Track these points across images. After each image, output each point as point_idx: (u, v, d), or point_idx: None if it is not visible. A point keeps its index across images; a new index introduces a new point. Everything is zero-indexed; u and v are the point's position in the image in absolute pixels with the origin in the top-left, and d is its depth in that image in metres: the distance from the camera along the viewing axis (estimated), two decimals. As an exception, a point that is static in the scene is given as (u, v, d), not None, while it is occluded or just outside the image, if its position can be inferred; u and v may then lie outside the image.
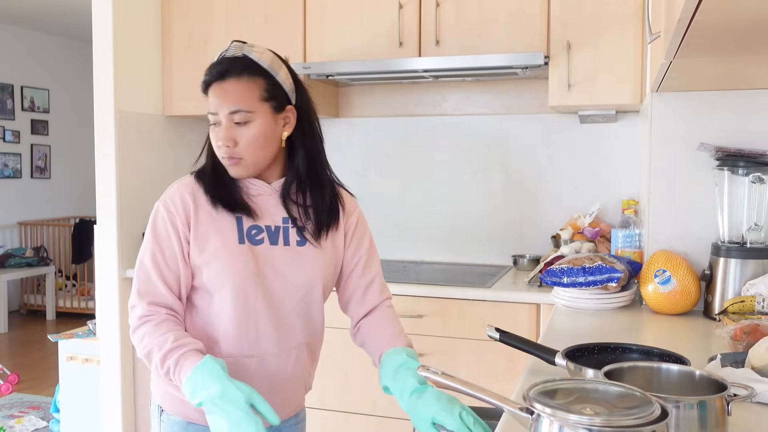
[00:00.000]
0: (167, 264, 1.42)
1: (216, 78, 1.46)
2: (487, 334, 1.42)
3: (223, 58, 1.48)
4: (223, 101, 1.43)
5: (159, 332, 1.35)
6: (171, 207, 1.44)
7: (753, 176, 1.94)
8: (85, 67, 6.65)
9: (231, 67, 1.46)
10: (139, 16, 2.98)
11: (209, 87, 1.46)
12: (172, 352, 1.31)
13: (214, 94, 1.45)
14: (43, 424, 3.77)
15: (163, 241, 1.43)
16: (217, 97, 1.44)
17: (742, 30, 1.18)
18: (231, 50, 1.48)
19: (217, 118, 1.43)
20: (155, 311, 1.40)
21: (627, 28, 2.49)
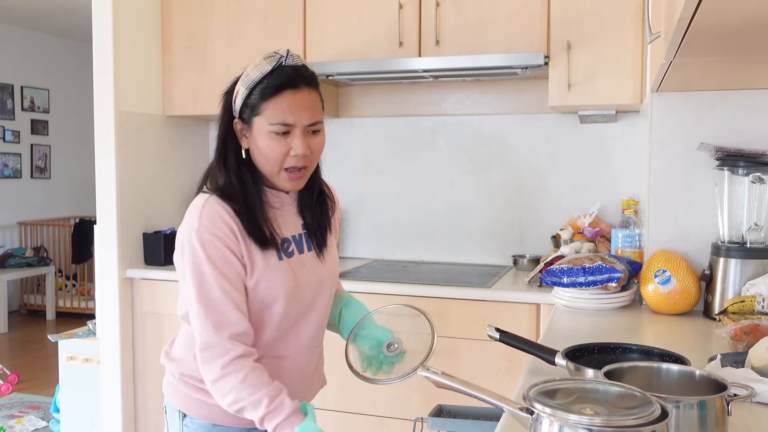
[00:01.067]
0: (235, 288, 1.37)
1: (290, 86, 1.40)
2: (487, 334, 1.42)
3: (296, 68, 1.43)
4: (302, 111, 1.40)
5: (250, 389, 1.31)
6: (218, 232, 1.37)
7: (753, 176, 1.94)
8: (85, 67, 6.65)
9: (305, 77, 1.43)
10: (139, 16, 2.98)
11: (279, 93, 1.40)
12: (271, 416, 1.31)
13: (290, 103, 1.40)
14: (43, 424, 3.77)
15: (224, 266, 1.36)
16: (296, 106, 1.40)
17: (742, 30, 1.18)
18: (293, 59, 1.43)
19: (290, 128, 1.40)
20: (237, 355, 1.33)
21: (627, 28, 2.49)
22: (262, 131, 1.40)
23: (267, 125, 1.39)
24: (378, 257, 3.23)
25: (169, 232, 3.01)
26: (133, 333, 2.96)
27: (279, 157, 1.40)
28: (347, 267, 2.96)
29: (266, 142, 1.40)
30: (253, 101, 1.40)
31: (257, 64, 1.42)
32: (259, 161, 1.43)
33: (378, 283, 2.58)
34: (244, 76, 1.43)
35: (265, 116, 1.39)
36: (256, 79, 1.40)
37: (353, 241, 3.27)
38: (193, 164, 3.34)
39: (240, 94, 1.42)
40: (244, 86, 1.42)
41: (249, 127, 1.42)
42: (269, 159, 1.41)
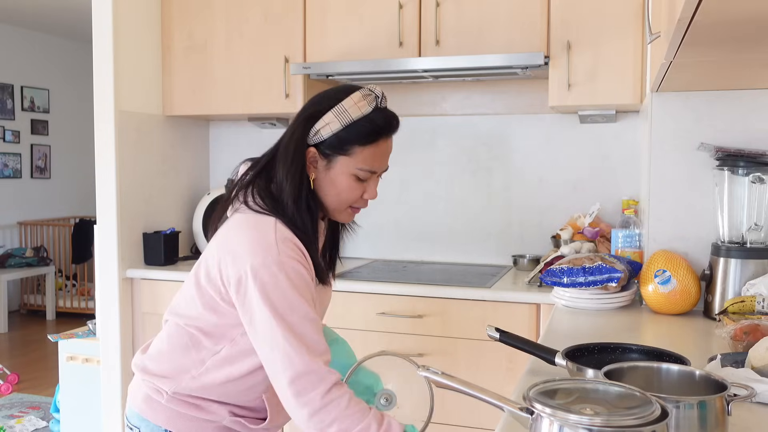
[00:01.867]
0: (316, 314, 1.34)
1: (386, 134, 1.42)
2: (487, 334, 1.42)
3: (392, 114, 1.45)
4: (386, 158, 1.44)
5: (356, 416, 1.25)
6: (299, 258, 1.33)
7: (753, 176, 1.94)
8: (85, 67, 6.66)
9: (396, 125, 1.47)
10: (139, 16, 2.98)
11: (376, 141, 1.40)
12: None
13: (382, 151, 1.41)
14: (43, 424, 3.77)
15: (306, 291, 1.31)
16: (384, 154, 1.43)
17: (742, 30, 1.18)
18: (385, 101, 1.45)
19: (372, 175, 1.42)
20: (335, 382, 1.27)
21: (627, 28, 2.49)
22: (344, 171, 1.39)
23: (354, 168, 1.39)
24: (378, 257, 3.23)
25: (169, 232, 3.01)
26: (133, 333, 2.97)
27: (354, 198, 1.42)
28: (347, 267, 2.96)
29: (346, 182, 1.40)
30: (344, 140, 1.37)
31: (356, 101, 1.39)
32: (327, 195, 1.42)
33: (378, 283, 2.58)
34: (340, 110, 1.38)
35: (355, 159, 1.38)
36: (355, 118, 1.37)
37: (353, 241, 3.25)
38: (193, 164, 3.34)
39: (331, 127, 1.37)
40: (339, 121, 1.37)
41: (327, 161, 1.39)
42: (342, 198, 1.41)
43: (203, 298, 1.37)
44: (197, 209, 3.25)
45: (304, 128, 1.39)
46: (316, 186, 1.41)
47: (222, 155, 3.45)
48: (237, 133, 3.42)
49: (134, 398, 1.46)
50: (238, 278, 1.29)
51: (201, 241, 3.23)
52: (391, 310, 2.56)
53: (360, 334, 2.57)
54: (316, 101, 1.42)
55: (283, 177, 1.37)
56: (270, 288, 1.27)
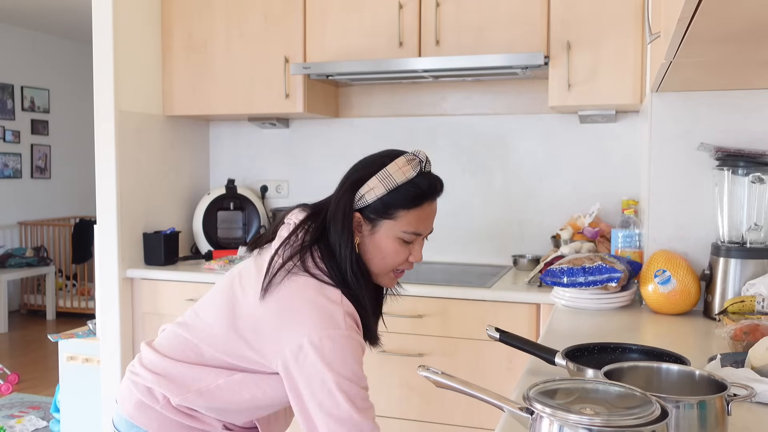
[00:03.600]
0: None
1: (430, 198, 1.43)
2: (487, 334, 1.42)
3: (436, 179, 1.45)
4: (431, 221, 1.44)
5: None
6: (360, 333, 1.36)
7: (753, 176, 1.94)
8: (85, 67, 6.66)
9: (441, 189, 1.46)
10: (139, 16, 2.98)
11: (420, 205, 1.41)
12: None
13: (427, 214, 1.42)
14: (43, 424, 3.77)
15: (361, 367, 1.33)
16: (429, 218, 1.43)
17: (742, 30, 1.18)
18: (430, 164, 1.45)
19: (418, 237, 1.43)
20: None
21: (627, 28, 2.49)
22: (389, 235, 1.40)
23: (399, 231, 1.39)
24: (378, 257, 3.22)
25: (169, 232, 3.01)
26: (133, 333, 2.97)
27: (399, 262, 1.42)
28: (347, 267, 2.96)
29: (392, 246, 1.40)
30: (389, 204, 1.38)
31: (401, 166, 1.39)
32: (372, 259, 1.42)
33: (378, 283, 2.58)
34: (385, 174, 1.39)
35: (400, 223, 1.39)
36: (399, 182, 1.38)
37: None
38: (193, 164, 3.34)
39: (376, 192, 1.39)
40: (384, 185, 1.39)
41: (372, 226, 1.40)
42: (388, 262, 1.42)
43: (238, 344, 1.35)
44: (197, 209, 3.25)
45: (350, 194, 1.41)
46: (361, 251, 1.41)
47: (222, 155, 3.45)
48: (237, 133, 3.42)
49: (125, 404, 1.43)
50: (299, 344, 1.28)
51: (201, 241, 3.23)
52: (390, 310, 2.55)
53: (360, 334, 2.57)
54: (360, 167, 1.45)
55: (337, 243, 1.38)
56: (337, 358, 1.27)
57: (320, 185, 3.29)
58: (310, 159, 3.29)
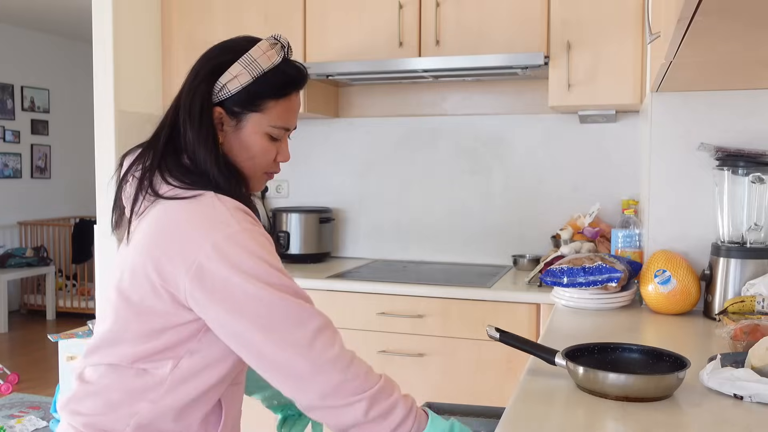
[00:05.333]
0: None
1: (299, 86, 1.25)
2: (487, 334, 1.42)
3: (302, 65, 1.28)
4: (296, 114, 1.28)
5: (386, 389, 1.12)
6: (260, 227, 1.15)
7: (753, 176, 1.94)
8: (85, 67, 6.65)
9: (306, 77, 1.29)
10: (139, 16, 2.98)
11: (289, 94, 1.24)
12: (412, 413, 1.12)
13: (295, 105, 1.25)
14: (43, 424, 3.77)
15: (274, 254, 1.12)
16: (296, 110, 1.26)
17: (742, 30, 1.18)
18: (291, 51, 1.27)
19: (286, 133, 1.26)
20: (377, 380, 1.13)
21: (627, 28, 2.49)
22: (257, 130, 1.21)
23: (267, 126, 1.22)
24: (378, 257, 3.23)
25: (169, 232, 3.00)
26: (133, 333, 2.96)
27: (270, 161, 1.25)
28: (347, 267, 2.96)
29: (260, 143, 1.22)
30: (256, 93, 1.20)
31: (265, 50, 1.21)
32: (240, 161, 1.22)
33: (378, 283, 2.58)
34: (249, 59, 1.20)
35: (269, 116, 1.21)
36: (266, 68, 1.20)
37: (353, 241, 3.27)
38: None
39: (239, 79, 1.19)
40: (249, 72, 1.19)
41: (237, 120, 1.21)
42: (256, 162, 1.24)
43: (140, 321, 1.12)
44: (197, 209, 3.24)
45: (208, 84, 1.20)
46: (226, 151, 1.21)
47: (222, 155, 3.44)
48: (237, 133, 3.41)
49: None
50: (197, 265, 1.05)
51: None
52: (391, 310, 2.56)
53: (360, 334, 2.57)
54: (216, 53, 1.24)
55: (195, 144, 1.16)
56: (244, 259, 1.06)
57: (320, 185, 3.29)
58: (310, 159, 3.29)
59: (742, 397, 1.19)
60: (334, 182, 3.28)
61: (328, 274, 2.78)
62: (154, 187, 1.15)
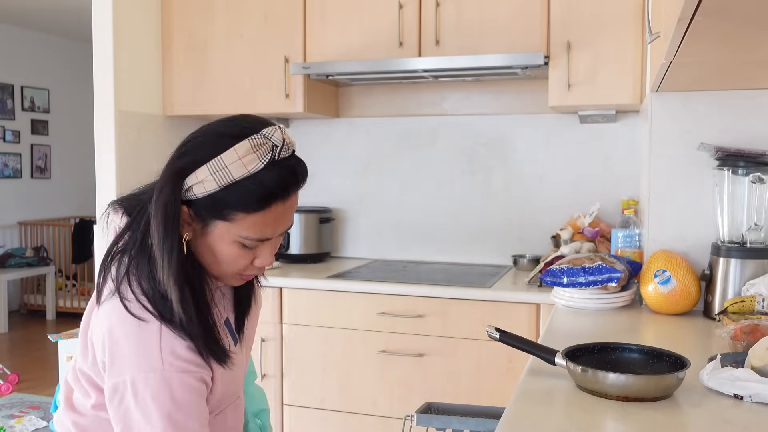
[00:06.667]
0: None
1: (282, 195, 1.10)
2: (487, 334, 1.42)
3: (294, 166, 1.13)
4: (287, 219, 1.14)
5: None
6: (192, 366, 1.09)
7: (753, 176, 1.94)
8: (85, 67, 6.65)
9: (299, 180, 1.15)
10: (139, 16, 2.98)
11: (267, 207, 1.09)
12: None
13: (276, 216, 1.10)
14: (43, 423, 3.77)
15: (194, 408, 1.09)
16: (281, 220, 1.12)
17: (742, 30, 1.18)
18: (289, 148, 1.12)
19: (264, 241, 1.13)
20: None
21: (627, 28, 2.49)
22: (224, 239, 1.10)
23: (236, 236, 1.10)
24: (378, 257, 3.23)
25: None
26: (133, 333, 2.96)
27: (240, 268, 1.14)
28: (347, 267, 2.96)
29: (228, 251, 1.11)
30: (223, 203, 1.07)
31: (242, 155, 1.05)
32: (206, 262, 1.14)
33: (378, 283, 2.58)
34: (219, 165, 1.06)
35: (238, 227, 1.09)
36: (238, 178, 1.06)
37: (353, 241, 3.27)
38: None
39: (206, 185, 1.07)
40: (216, 181, 1.06)
41: (202, 224, 1.10)
42: (225, 268, 1.14)
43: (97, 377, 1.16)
44: (197, 209, 3.24)
45: (174, 184, 1.08)
46: (194, 248, 1.12)
47: (222, 155, 3.44)
48: (237, 133, 3.41)
49: None
50: (115, 386, 1.08)
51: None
52: (391, 310, 2.56)
53: (360, 334, 2.57)
54: (191, 146, 1.11)
55: (158, 251, 1.08)
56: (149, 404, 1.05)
57: (320, 185, 3.29)
58: (310, 159, 3.27)
59: (742, 397, 1.19)
60: (334, 182, 3.28)
61: (328, 274, 2.78)
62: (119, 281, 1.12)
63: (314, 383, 2.68)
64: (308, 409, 2.69)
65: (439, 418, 1.76)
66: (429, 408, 1.90)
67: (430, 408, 1.90)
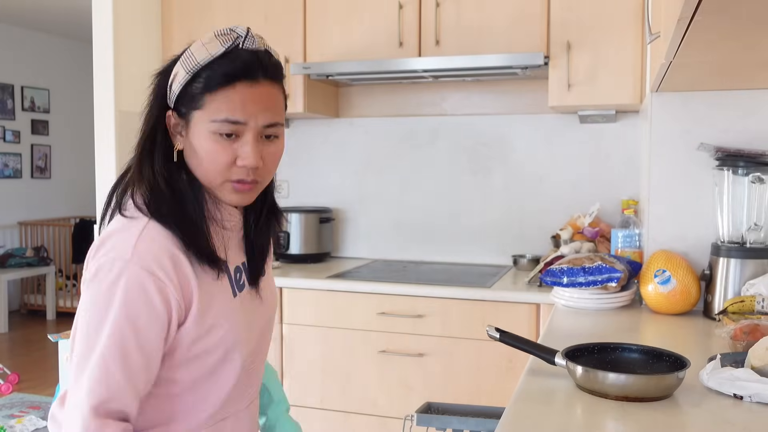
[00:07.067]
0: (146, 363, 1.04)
1: (246, 76, 1.10)
2: (487, 333, 1.42)
3: (256, 53, 1.13)
4: (258, 109, 1.10)
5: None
6: (159, 272, 1.04)
7: (753, 176, 1.94)
8: (85, 67, 6.66)
9: (266, 66, 1.13)
10: (139, 16, 2.98)
11: (231, 84, 1.09)
12: None
13: (243, 97, 1.09)
14: (44, 423, 3.77)
15: (144, 327, 1.03)
16: (251, 102, 1.10)
17: (742, 30, 1.18)
18: (253, 41, 1.13)
19: (239, 128, 1.10)
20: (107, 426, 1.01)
21: (627, 28, 2.49)
22: (202, 131, 1.10)
23: (209, 122, 1.09)
24: (378, 257, 3.23)
25: (169, 232, 3.00)
26: (133, 333, 2.96)
27: (222, 166, 1.11)
28: (347, 267, 2.96)
29: (207, 145, 1.10)
30: (194, 90, 1.10)
31: (206, 41, 1.11)
32: (196, 169, 1.13)
33: (378, 283, 2.58)
34: (187, 56, 1.12)
35: (208, 111, 1.09)
36: (202, 61, 1.09)
37: (353, 241, 3.27)
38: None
39: (179, 78, 1.12)
40: (185, 69, 1.11)
41: (186, 123, 1.12)
42: (209, 168, 1.11)
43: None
44: (197, 209, 3.24)
45: (158, 87, 1.17)
46: (188, 162, 1.15)
47: (222, 155, 3.44)
48: (237, 133, 3.42)
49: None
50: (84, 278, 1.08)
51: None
52: (391, 310, 2.56)
53: (360, 334, 2.57)
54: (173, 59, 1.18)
55: (147, 155, 1.15)
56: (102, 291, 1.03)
57: (320, 185, 3.29)
58: (311, 159, 3.29)
59: (742, 397, 1.19)
60: (334, 182, 3.28)
61: (328, 274, 2.78)
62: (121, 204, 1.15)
63: (314, 383, 2.68)
64: (308, 408, 2.69)
65: (439, 418, 1.76)
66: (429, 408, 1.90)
67: (430, 408, 1.90)
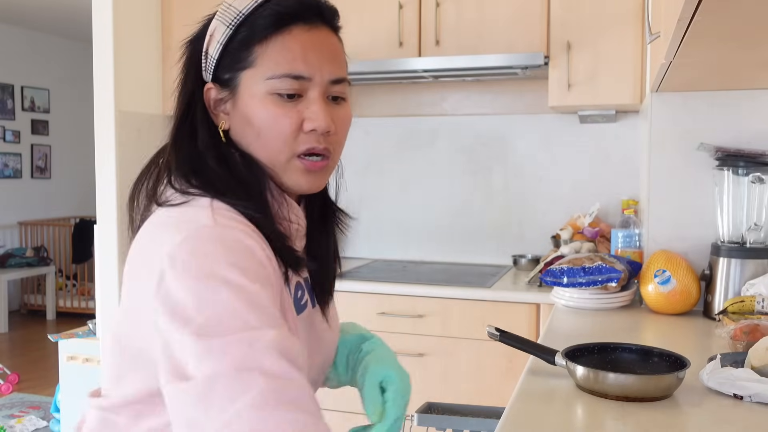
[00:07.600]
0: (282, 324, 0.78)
1: (302, 18, 0.89)
2: (488, 333, 1.42)
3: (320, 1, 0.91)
4: (322, 59, 0.91)
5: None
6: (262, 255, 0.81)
7: (753, 176, 1.94)
8: (85, 67, 6.65)
9: (323, 8, 0.95)
10: (139, 16, 2.98)
11: (286, 28, 0.87)
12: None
13: (303, 43, 0.88)
14: (44, 423, 3.77)
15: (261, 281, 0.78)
16: (313, 50, 0.89)
17: (742, 30, 1.18)
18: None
19: (305, 86, 0.89)
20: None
21: (627, 28, 2.49)
22: (256, 94, 0.88)
23: (264, 81, 0.87)
24: (378, 257, 3.23)
25: (169, 232, 3.00)
26: (133, 333, 2.96)
27: (287, 134, 0.87)
28: (347, 267, 2.96)
29: (265, 110, 0.87)
30: (239, 45, 0.88)
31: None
32: (252, 147, 0.90)
33: (378, 283, 2.58)
34: (224, 8, 0.92)
35: (261, 67, 0.87)
36: (246, 9, 0.88)
37: (353, 241, 3.27)
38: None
39: (216, 36, 0.91)
40: (224, 23, 0.90)
41: (232, 93, 0.90)
42: (271, 139, 0.88)
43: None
44: (197, 209, 3.24)
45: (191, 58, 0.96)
46: (238, 143, 0.91)
47: (222, 155, 3.44)
48: (237, 133, 3.42)
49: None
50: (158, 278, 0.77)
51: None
52: (391, 310, 2.56)
53: (360, 334, 2.57)
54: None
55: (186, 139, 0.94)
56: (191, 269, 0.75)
57: (320, 185, 3.29)
58: (310, 159, 3.28)
59: (742, 397, 1.19)
60: (333, 182, 3.27)
61: (328, 274, 2.77)
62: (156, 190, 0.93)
63: (314, 383, 2.68)
64: (308, 409, 2.69)
65: (439, 418, 1.75)
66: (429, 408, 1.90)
67: (430, 408, 1.90)
